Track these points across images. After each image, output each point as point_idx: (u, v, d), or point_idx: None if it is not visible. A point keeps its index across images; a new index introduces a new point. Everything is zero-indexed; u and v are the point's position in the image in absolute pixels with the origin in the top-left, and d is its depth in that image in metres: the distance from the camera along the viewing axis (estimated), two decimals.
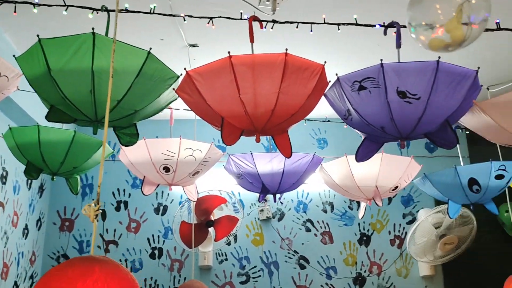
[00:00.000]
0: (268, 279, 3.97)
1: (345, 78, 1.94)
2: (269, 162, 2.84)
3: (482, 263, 3.96)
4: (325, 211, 4.17)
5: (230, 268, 4.00)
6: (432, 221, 3.73)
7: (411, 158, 2.90)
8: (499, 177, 2.85)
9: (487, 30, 2.29)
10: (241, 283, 3.96)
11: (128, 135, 2.03)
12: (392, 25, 2.23)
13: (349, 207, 4.19)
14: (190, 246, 3.58)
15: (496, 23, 2.27)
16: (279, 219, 4.13)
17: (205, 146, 2.75)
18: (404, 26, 2.04)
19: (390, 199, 4.22)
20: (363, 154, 2.14)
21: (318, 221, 4.14)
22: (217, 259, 4.01)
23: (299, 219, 4.14)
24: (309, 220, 4.14)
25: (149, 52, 1.83)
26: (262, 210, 4.10)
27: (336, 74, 1.95)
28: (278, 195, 3.07)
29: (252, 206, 4.13)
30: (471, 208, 3.07)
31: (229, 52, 1.78)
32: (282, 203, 4.11)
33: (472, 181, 2.87)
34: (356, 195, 3.00)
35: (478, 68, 1.87)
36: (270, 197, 4.14)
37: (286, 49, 1.81)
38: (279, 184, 2.91)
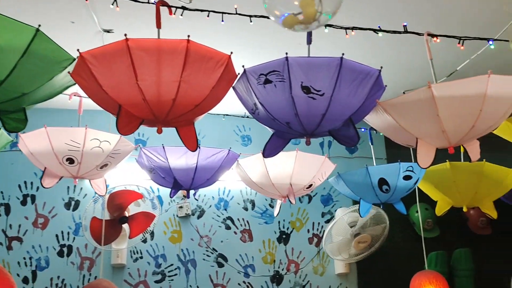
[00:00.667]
0: (184, 278, 3.87)
1: (251, 71, 1.89)
2: (182, 157, 2.74)
3: (394, 261, 4.10)
4: (246, 209, 4.13)
5: (145, 266, 3.84)
6: (348, 220, 3.81)
7: (325, 156, 2.92)
8: (407, 177, 2.95)
9: (394, 32, 2.36)
10: (156, 282, 3.82)
11: (15, 120, 1.85)
12: None
13: (270, 205, 4.18)
14: (101, 243, 3.40)
15: (404, 26, 2.33)
16: (199, 216, 4.04)
17: (114, 137, 2.61)
18: None
19: (310, 198, 4.26)
20: (270, 150, 2.11)
21: (238, 219, 4.10)
22: (131, 257, 3.84)
23: (219, 216, 4.07)
24: (229, 218, 4.08)
25: (37, 30, 1.68)
26: (181, 207, 3.99)
27: (243, 66, 1.90)
28: (192, 191, 2.98)
29: (171, 202, 4.01)
30: (381, 207, 3.16)
31: (125, 35, 1.67)
32: (196, 199, 4.01)
33: (382, 181, 2.95)
34: (271, 193, 2.98)
35: (381, 67, 1.89)
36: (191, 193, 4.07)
37: (188, 36, 1.73)
38: (192, 179, 2.83)
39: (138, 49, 1.68)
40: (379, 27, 2.30)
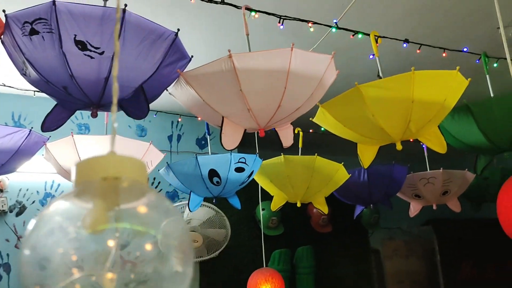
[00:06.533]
0: None
1: (14, 17, 1.51)
2: None
3: (238, 260, 3.95)
4: None
5: None
6: (185, 216, 3.56)
7: (150, 143, 2.62)
8: (239, 170, 2.76)
9: (210, 1, 2.15)
10: None
11: None
12: None
13: None
14: None
15: None
16: (18, 214, 3.46)
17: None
18: None
19: None
20: (50, 123, 1.74)
21: None
22: None
23: None
24: None
25: None
26: None
27: (4, 11, 1.52)
28: None
29: None
30: (214, 201, 2.95)
31: None
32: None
33: (213, 173, 2.73)
34: None
35: (178, 30, 1.65)
36: (8, 185, 3.48)
37: None
38: None
39: None
40: None
